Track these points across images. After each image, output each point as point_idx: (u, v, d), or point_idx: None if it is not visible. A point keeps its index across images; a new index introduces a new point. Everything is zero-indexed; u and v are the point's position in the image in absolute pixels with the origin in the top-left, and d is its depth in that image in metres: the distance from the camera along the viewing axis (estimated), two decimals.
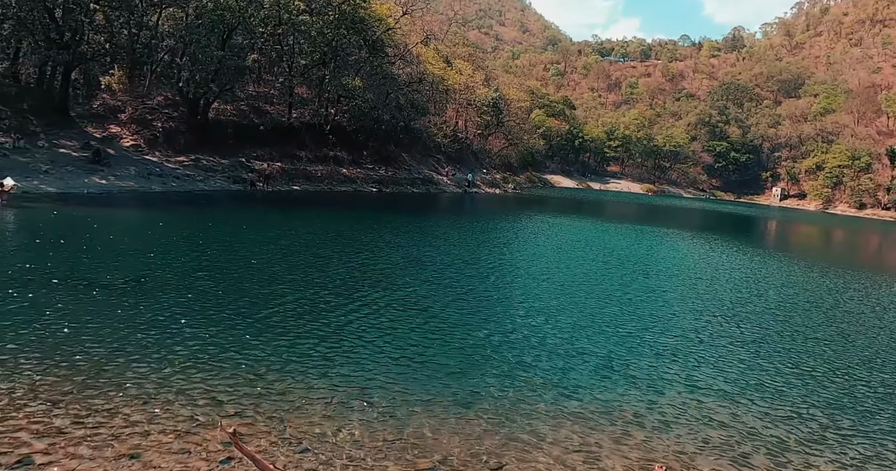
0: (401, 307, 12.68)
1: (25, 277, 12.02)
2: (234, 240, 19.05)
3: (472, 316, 12.51)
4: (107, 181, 28.98)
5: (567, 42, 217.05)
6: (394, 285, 14.71)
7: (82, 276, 12.49)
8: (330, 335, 10.38)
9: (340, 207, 32.75)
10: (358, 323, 11.27)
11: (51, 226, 18.75)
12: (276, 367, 8.76)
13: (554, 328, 12.21)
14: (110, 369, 8.02)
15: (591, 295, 15.78)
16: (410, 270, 16.96)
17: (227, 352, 9.12)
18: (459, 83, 54.16)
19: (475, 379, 9.14)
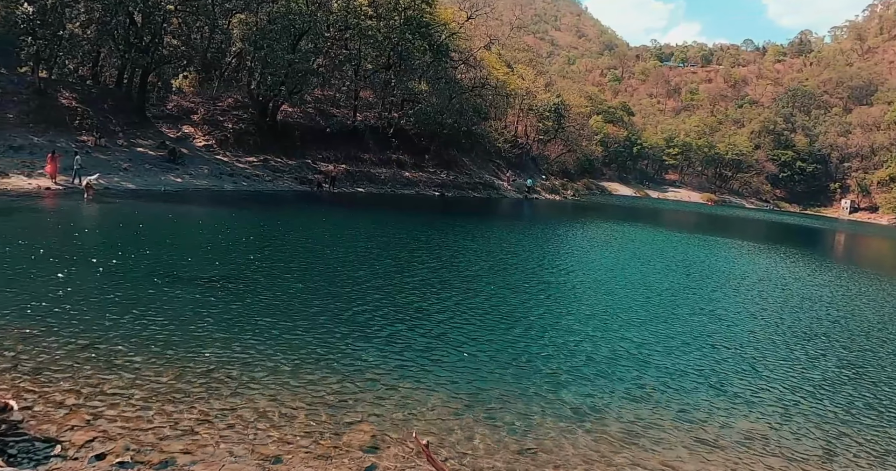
0: (496, 314, 12.25)
1: (118, 271, 12.16)
2: (310, 240, 19.05)
3: (568, 327, 11.97)
4: (182, 179, 29.72)
5: (624, 47, 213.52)
6: (480, 291, 14.30)
7: (174, 272, 12.55)
8: (433, 342, 10.02)
9: (407, 209, 32.65)
10: (456, 328, 10.89)
11: (134, 221, 19.16)
12: (389, 372, 8.48)
13: (655, 343, 11.55)
14: (224, 370, 7.85)
15: (682, 309, 14.98)
16: (493, 276, 16.51)
17: (335, 355, 8.91)
18: (522, 88, 53.58)
19: (589, 391, 8.62)
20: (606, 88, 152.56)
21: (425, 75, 43.83)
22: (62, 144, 29.47)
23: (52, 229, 16.68)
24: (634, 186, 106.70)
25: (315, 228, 21.83)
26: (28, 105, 31.19)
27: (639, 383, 9.39)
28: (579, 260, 21.21)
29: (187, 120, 36.96)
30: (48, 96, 32.21)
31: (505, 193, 48.97)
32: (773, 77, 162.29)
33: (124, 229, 17.43)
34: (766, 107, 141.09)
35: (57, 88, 33.23)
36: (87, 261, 12.84)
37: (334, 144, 39.18)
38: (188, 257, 14.21)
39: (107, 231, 17.41)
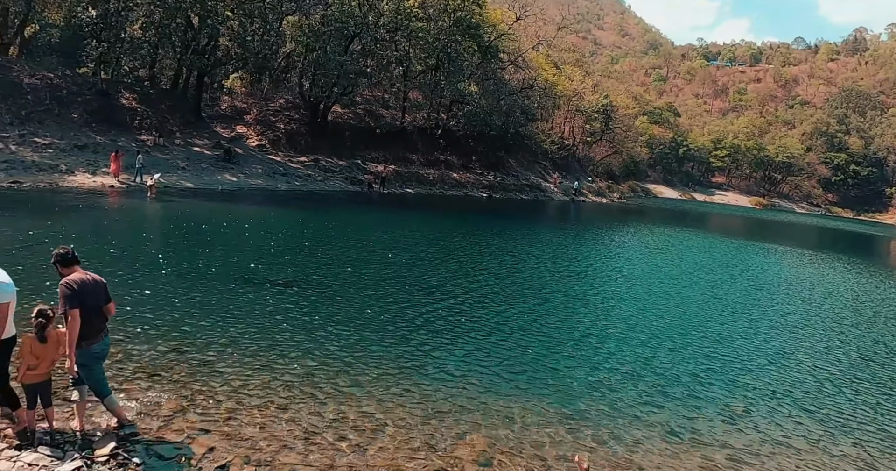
0: (569, 324, 11.95)
1: (191, 273, 12.24)
2: (372, 242, 18.99)
3: (647, 341, 11.56)
4: (237, 179, 30.15)
5: (669, 46, 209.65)
6: (550, 300, 14.00)
7: (245, 275, 12.59)
8: (515, 354, 9.77)
9: (459, 211, 32.45)
10: (534, 340, 10.63)
11: (197, 220, 19.42)
12: (480, 384, 8.30)
13: (739, 360, 11.07)
14: (315, 379, 7.75)
15: (760, 324, 14.38)
16: (560, 284, 16.14)
17: (424, 365, 8.79)
18: (570, 90, 52.84)
19: (684, 412, 8.27)
20: (651, 89, 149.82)
21: (473, 76, 43.56)
22: (123, 144, 30.23)
23: (121, 228, 17.01)
24: (680, 188, 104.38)
25: (374, 230, 21.80)
26: (91, 105, 32.09)
27: (731, 404, 8.98)
28: (642, 269, 20.64)
29: (240, 120, 37.52)
30: (110, 97, 33.09)
31: (552, 196, 48.37)
32: (826, 77, 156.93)
33: (190, 229, 17.66)
34: (819, 108, 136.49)
35: (118, 90, 34.12)
36: (158, 262, 13.00)
37: (383, 145, 39.26)
38: (257, 259, 14.27)
39: (172, 230, 17.67)
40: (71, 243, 13.57)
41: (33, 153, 27.19)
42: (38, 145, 27.96)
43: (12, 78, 31.54)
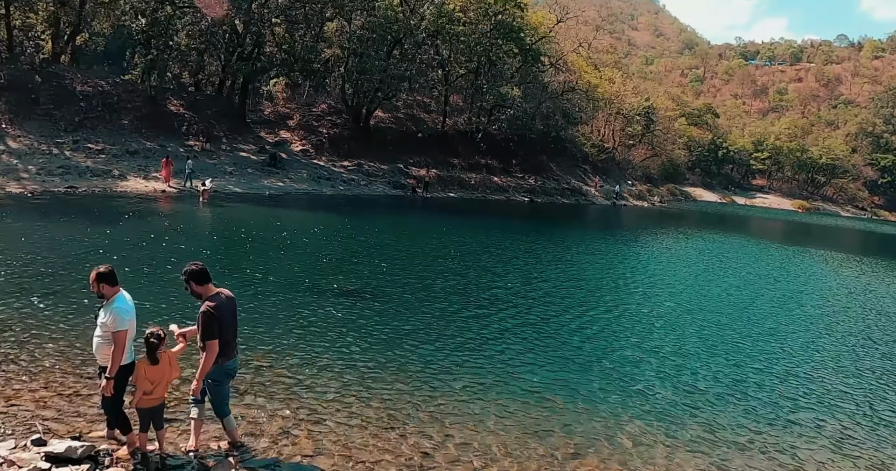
0: (644, 337, 11.46)
1: (256, 282, 12.11)
2: (430, 249, 18.78)
3: (730, 358, 11.02)
4: (283, 183, 30.29)
5: (705, 45, 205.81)
6: (619, 310, 13.51)
7: (310, 283, 12.43)
8: (605, 370, 9.37)
9: (506, 217, 32.02)
10: (617, 356, 10.20)
11: (252, 226, 19.44)
12: (575, 402, 7.96)
13: (830, 384, 10.44)
14: (409, 397, 7.46)
15: (847, 342, 13.65)
16: (623, 295, 15.63)
17: (512, 380, 8.52)
18: (611, 92, 52.00)
19: (783, 432, 7.76)
20: (687, 89, 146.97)
21: (514, 80, 43.12)
22: (171, 149, 30.64)
23: (179, 235, 17.05)
24: (719, 191, 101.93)
25: (426, 237, 21.56)
26: (140, 111, 32.64)
27: (832, 428, 8.41)
28: (706, 279, 19.89)
29: (283, 125, 37.76)
30: (158, 103, 33.61)
31: (593, 200, 47.60)
32: (871, 75, 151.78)
33: (246, 235, 17.64)
34: (864, 107, 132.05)
35: (165, 96, 34.64)
36: (222, 270, 12.91)
37: (424, 149, 39.12)
38: (319, 267, 14.13)
39: (229, 237, 17.66)
40: (131, 250, 13.70)
41: (87, 159, 27.72)
42: (92, 151, 28.50)
43: (66, 85, 32.26)
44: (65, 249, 13.41)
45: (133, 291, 10.21)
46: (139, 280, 11.36)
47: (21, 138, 27.81)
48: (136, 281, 11.28)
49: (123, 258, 12.97)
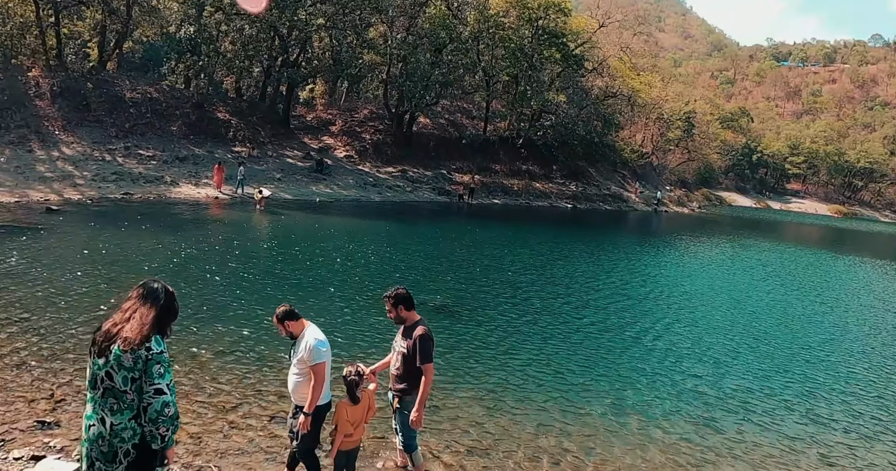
0: (732, 353, 10.94)
1: (339, 294, 11.84)
2: (498, 260, 18.38)
3: (825, 382, 10.43)
4: (331, 190, 30.21)
5: (734, 47, 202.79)
6: (699, 325, 12.97)
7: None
8: (728, 393, 8.89)
9: (553, 223, 31.56)
10: (730, 379, 9.70)
11: (313, 234, 19.30)
12: (722, 425, 7.45)
13: None
14: (553, 430, 7.07)
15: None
16: (703, 307, 15.07)
17: (644, 404, 7.99)
18: (653, 97, 51.22)
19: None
20: (718, 92, 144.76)
21: (554, 85, 42.64)
22: (219, 155, 30.77)
23: (246, 242, 16.92)
24: (753, 196, 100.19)
25: (486, 246, 21.14)
26: (188, 118, 32.85)
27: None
28: (774, 292, 19.17)
29: (326, 131, 37.76)
30: (205, 110, 33.80)
31: (634, 206, 46.85)
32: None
33: (311, 244, 17.47)
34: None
35: (211, 102, 34.82)
36: (299, 280, 12.69)
37: (466, 155, 38.83)
38: (390, 278, 13.80)
39: (294, 245, 17.44)
40: (210, 259, 13.57)
41: (139, 165, 27.92)
42: (143, 157, 28.70)
43: (116, 92, 32.61)
44: (147, 260, 13.32)
45: (232, 305, 10.05)
46: (235, 292, 11.17)
47: (74, 145, 28.11)
48: (231, 292, 11.11)
49: (213, 269, 12.82)
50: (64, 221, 17.23)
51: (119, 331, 3.15)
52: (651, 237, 31.51)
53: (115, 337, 3.14)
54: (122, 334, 3.13)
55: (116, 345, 3.12)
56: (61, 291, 10.30)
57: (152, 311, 3.22)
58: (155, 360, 3.11)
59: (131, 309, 3.23)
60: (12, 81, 30.11)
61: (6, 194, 20.86)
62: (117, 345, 3.12)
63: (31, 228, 15.60)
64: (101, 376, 3.16)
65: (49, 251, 13.19)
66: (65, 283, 10.86)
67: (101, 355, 3.18)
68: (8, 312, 8.95)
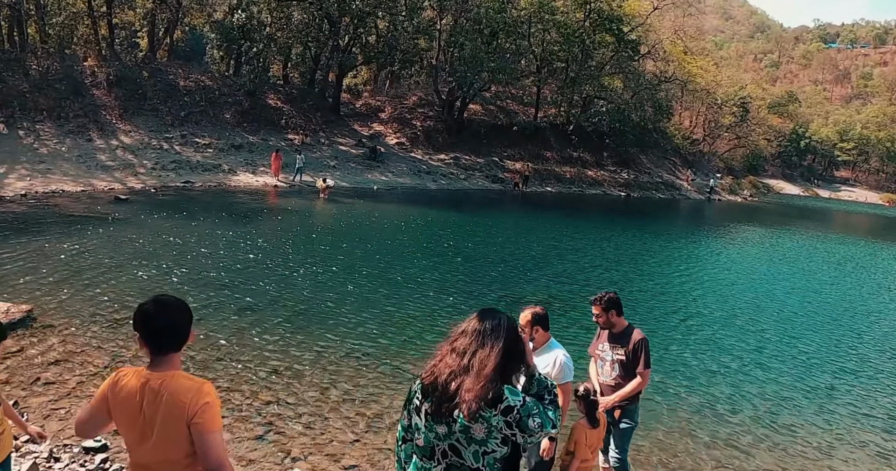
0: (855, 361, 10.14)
1: (433, 289, 11.37)
2: (567, 250, 17.71)
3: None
4: (386, 177, 29.81)
5: (778, 28, 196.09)
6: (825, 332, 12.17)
7: (489, 291, 11.59)
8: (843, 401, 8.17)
9: (613, 212, 30.52)
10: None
11: (383, 224, 18.88)
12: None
13: None
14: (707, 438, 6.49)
15: None
16: (814, 308, 14.22)
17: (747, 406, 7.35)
18: (708, 82, 49.44)
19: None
20: (763, 75, 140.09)
21: (605, 70, 41.41)
22: (273, 143, 30.59)
23: (318, 234, 16.59)
24: (801, 183, 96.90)
25: (557, 236, 20.43)
26: (241, 106, 32.74)
27: None
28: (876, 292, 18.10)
29: (375, 118, 37.32)
30: (257, 98, 33.63)
31: (686, 194, 45.48)
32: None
33: (387, 234, 17.07)
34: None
35: (263, 90, 34.63)
36: (387, 275, 12.27)
37: (517, 142, 38.03)
38: (484, 273, 13.30)
39: (366, 236, 17.01)
40: (274, 252, 13.26)
41: (196, 153, 27.90)
42: (199, 145, 28.68)
43: (170, 81, 32.63)
44: (233, 251, 13.04)
45: (327, 306, 9.59)
46: (324, 291, 10.79)
47: (132, 133, 28.21)
48: (320, 290, 10.73)
49: (293, 264, 12.49)
50: (134, 211, 17.15)
51: (460, 388, 2.36)
52: (717, 228, 30.25)
53: (457, 397, 2.36)
54: (463, 396, 2.34)
55: (460, 410, 2.36)
56: (157, 284, 10.05)
57: (493, 354, 2.39)
58: (524, 414, 2.34)
59: (468, 352, 2.43)
60: (69, 71, 30.29)
61: (72, 184, 20.94)
62: (461, 411, 2.36)
63: (104, 219, 15.52)
64: (444, 448, 2.44)
65: (130, 243, 13.00)
66: (157, 275, 10.61)
67: (440, 420, 2.42)
68: (104, 308, 8.68)
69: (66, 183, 20.72)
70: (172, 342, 2.41)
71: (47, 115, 26.73)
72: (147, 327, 2.38)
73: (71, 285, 9.46)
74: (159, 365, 2.40)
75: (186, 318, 2.46)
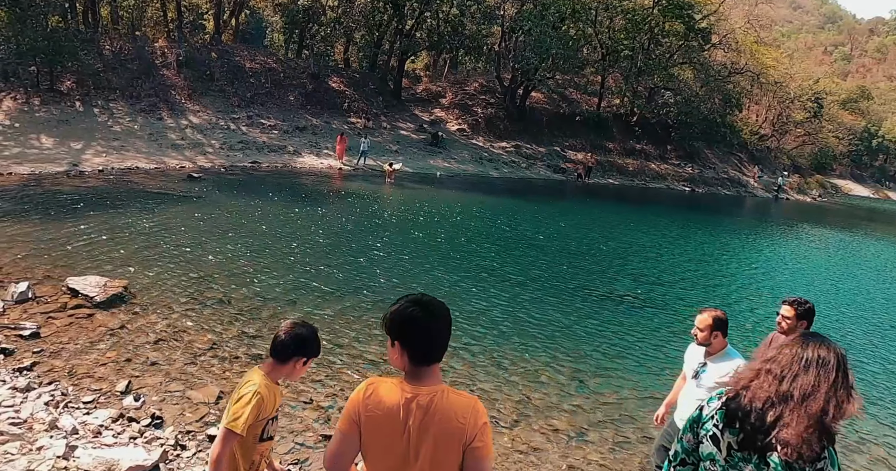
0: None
1: (522, 279, 10.92)
2: (647, 246, 16.99)
3: None
4: (448, 164, 29.45)
5: (850, 19, 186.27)
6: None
7: (588, 288, 11.07)
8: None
9: (678, 208, 29.24)
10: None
11: (456, 211, 18.51)
12: None
13: None
14: None
15: None
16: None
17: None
18: (782, 74, 47.09)
19: None
20: (833, 68, 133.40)
21: (673, 60, 39.82)
22: (336, 126, 30.57)
23: (391, 218, 16.33)
24: (871, 185, 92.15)
25: (632, 231, 19.70)
26: (305, 88, 32.83)
27: None
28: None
29: (436, 104, 36.90)
30: (320, 80, 33.65)
31: (753, 192, 43.63)
32: None
33: (458, 223, 16.70)
34: None
35: (326, 73, 34.63)
36: (471, 264, 11.88)
37: (579, 132, 37.05)
38: (565, 268, 12.78)
39: (442, 224, 16.64)
40: (352, 237, 13.05)
41: (261, 134, 28.10)
42: (265, 127, 28.88)
43: (235, 62, 32.95)
44: (309, 233, 12.90)
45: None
46: (413, 281, 10.49)
47: (200, 113, 28.58)
48: (409, 279, 10.43)
49: (373, 249, 12.24)
50: (207, 189, 17.26)
51: (778, 421, 1.95)
52: (794, 228, 28.70)
53: (772, 432, 1.95)
54: (782, 434, 1.94)
55: (777, 453, 1.95)
56: (243, 264, 9.92)
57: (821, 389, 1.95)
58: None
59: (788, 376, 2.00)
60: (140, 52, 30.88)
61: (145, 161, 21.29)
62: (778, 454, 1.95)
63: (181, 196, 15.66)
64: None
65: (209, 220, 13.00)
66: (239, 254, 10.50)
67: (749, 458, 2.03)
68: (193, 286, 8.56)
69: (139, 160, 21.09)
70: (440, 352, 2.08)
71: (120, 94, 27.32)
72: (415, 334, 2.03)
73: (158, 261, 9.43)
74: (424, 377, 2.05)
75: (450, 322, 2.11)
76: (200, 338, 6.58)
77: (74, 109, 24.96)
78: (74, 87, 26.07)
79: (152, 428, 4.55)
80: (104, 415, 4.64)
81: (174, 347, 6.27)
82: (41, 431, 4.26)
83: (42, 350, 5.94)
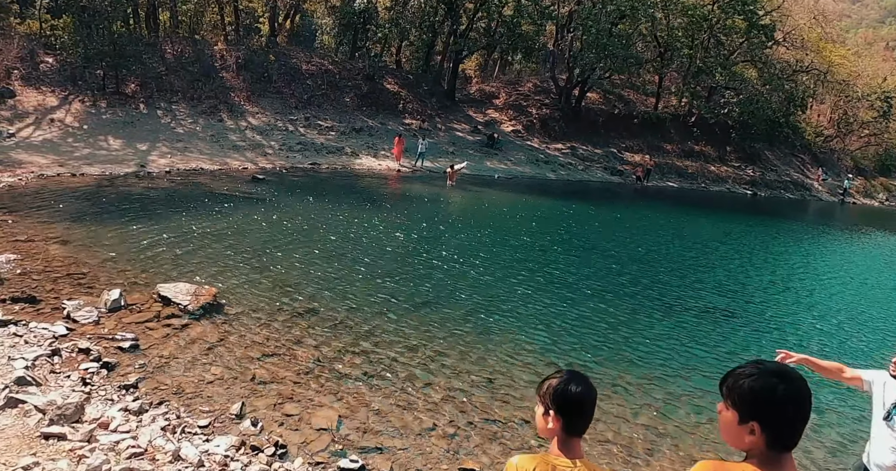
0: None
1: (603, 286, 10.37)
2: (729, 253, 16.18)
3: None
4: (505, 166, 28.97)
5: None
6: None
7: (659, 297, 10.47)
8: None
9: (745, 213, 28.04)
10: None
11: (518, 213, 18.05)
12: None
13: None
14: None
15: None
16: None
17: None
18: (849, 72, 44.87)
19: None
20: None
21: (736, 59, 38.31)
22: (392, 127, 30.41)
23: (458, 221, 15.98)
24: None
25: (709, 238, 18.86)
26: (360, 90, 32.79)
27: None
28: None
29: (490, 104, 36.41)
30: (375, 82, 33.56)
31: (818, 195, 41.75)
32: None
33: (523, 227, 16.21)
34: None
35: (381, 74, 34.53)
36: (545, 273, 11.40)
37: (635, 133, 36.01)
38: (638, 277, 12.17)
39: (508, 228, 16.22)
40: (427, 243, 12.72)
41: (319, 135, 28.14)
42: (322, 128, 28.91)
43: (292, 65, 33.13)
44: (381, 237, 12.63)
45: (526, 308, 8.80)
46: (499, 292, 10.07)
47: (259, 115, 28.80)
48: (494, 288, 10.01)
49: (455, 256, 11.88)
50: (271, 190, 17.26)
51: None
52: (870, 235, 27.19)
53: None
54: None
55: None
56: (323, 271, 9.67)
57: None
58: None
59: None
60: (200, 55, 31.32)
61: (209, 162, 21.47)
62: None
63: (248, 197, 15.65)
64: None
65: (280, 223, 12.87)
66: (317, 260, 10.26)
67: None
68: (280, 295, 8.32)
69: (203, 161, 21.28)
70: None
71: (181, 97, 27.74)
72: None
73: (240, 267, 9.27)
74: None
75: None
76: (303, 353, 6.30)
77: (139, 112, 25.43)
78: (138, 90, 26.58)
79: (278, 458, 4.25)
80: (225, 443, 4.36)
81: (279, 363, 6.00)
82: (165, 463, 3.98)
83: (144, 365, 5.74)
